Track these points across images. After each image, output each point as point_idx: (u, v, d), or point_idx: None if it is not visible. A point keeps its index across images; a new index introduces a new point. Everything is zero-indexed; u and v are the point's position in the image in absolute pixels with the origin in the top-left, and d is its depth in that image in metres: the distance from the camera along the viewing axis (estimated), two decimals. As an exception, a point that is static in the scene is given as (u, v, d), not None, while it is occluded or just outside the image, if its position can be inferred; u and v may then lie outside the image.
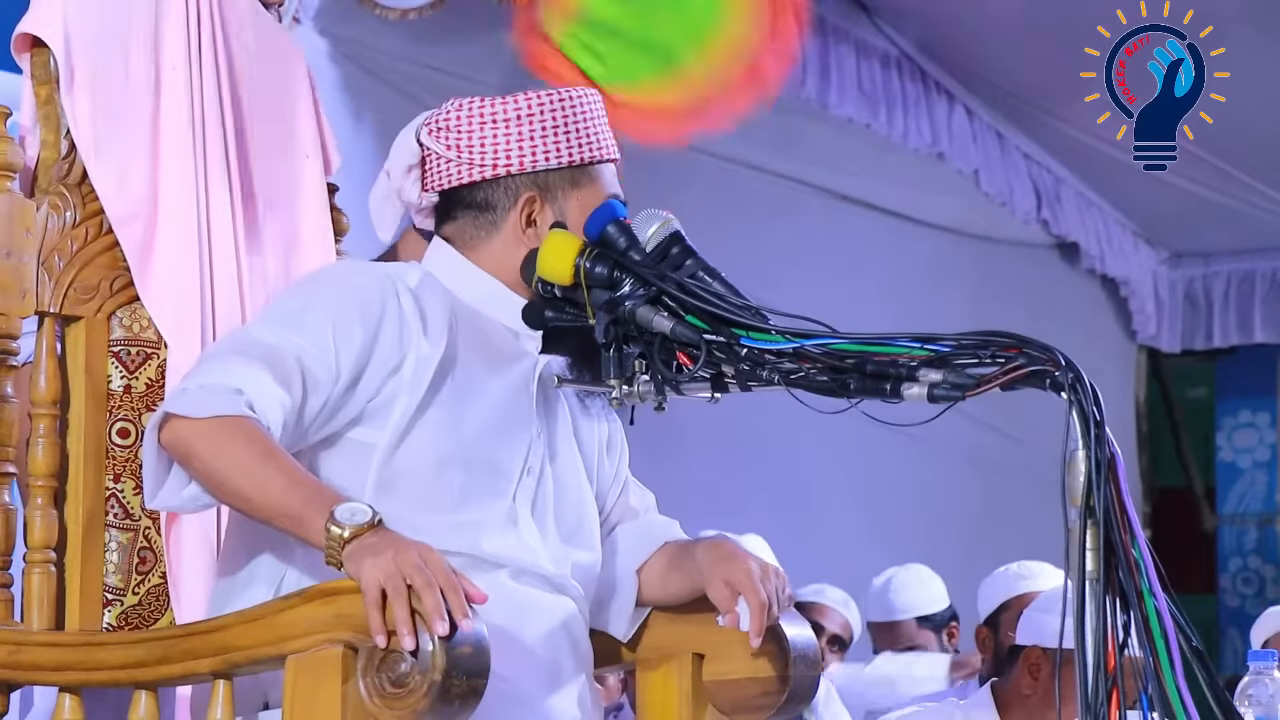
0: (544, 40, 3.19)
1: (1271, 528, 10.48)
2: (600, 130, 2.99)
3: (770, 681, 2.95)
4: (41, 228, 3.02)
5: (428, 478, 2.82)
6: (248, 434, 2.68)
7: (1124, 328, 10.19)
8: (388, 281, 2.87)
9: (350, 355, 2.80)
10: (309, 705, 2.57)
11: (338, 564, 2.57)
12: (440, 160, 2.96)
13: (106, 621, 3.04)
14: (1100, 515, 2.39)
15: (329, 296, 2.85)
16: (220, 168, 3.13)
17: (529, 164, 2.93)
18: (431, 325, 2.86)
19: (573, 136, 2.95)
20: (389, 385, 2.82)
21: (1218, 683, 2.46)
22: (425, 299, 2.88)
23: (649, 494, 3.16)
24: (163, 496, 2.75)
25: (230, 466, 2.67)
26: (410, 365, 2.83)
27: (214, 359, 2.78)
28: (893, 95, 8.35)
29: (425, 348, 2.84)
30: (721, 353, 2.69)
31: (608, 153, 2.99)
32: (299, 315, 2.82)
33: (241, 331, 2.86)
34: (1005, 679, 4.16)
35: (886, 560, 6.77)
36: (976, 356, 2.54)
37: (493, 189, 2.95)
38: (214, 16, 3.17)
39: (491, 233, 2.95)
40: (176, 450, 2.71)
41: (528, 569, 2.87)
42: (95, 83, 3.06)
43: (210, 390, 2.71)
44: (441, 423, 2.84)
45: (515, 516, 2.88)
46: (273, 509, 2.66)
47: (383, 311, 2.83)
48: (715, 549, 2.97)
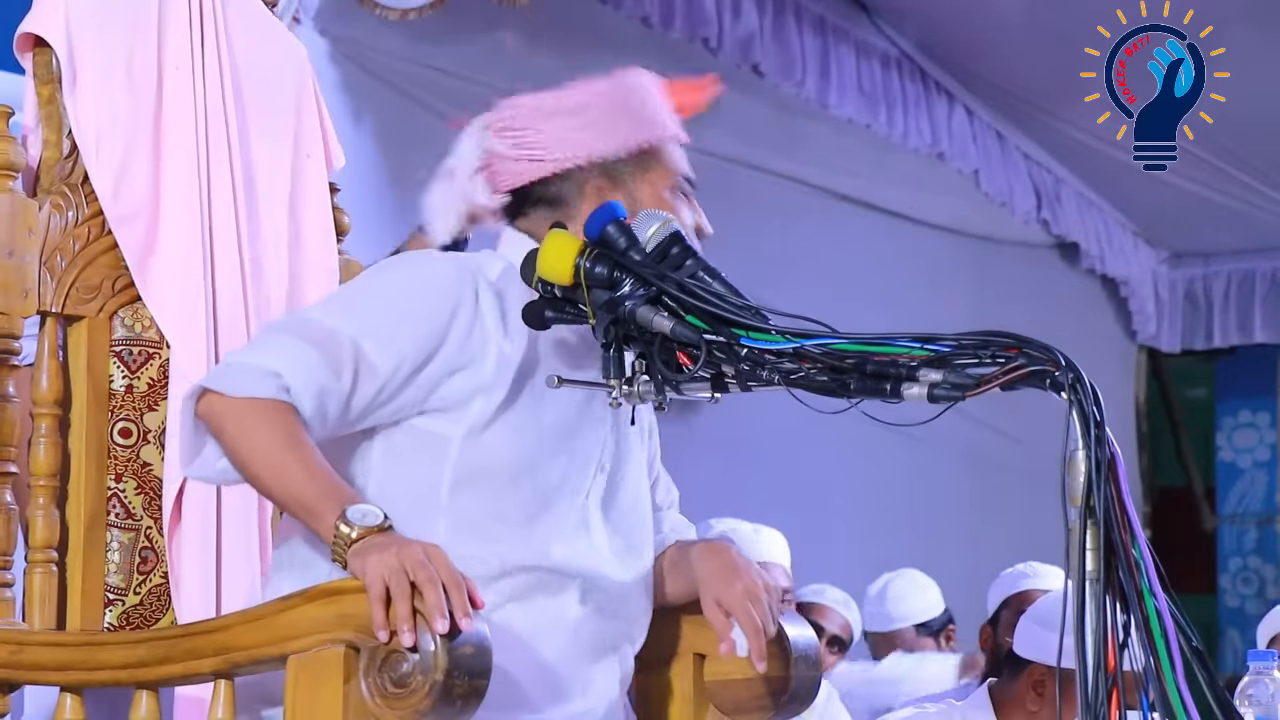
0: None
1: (1271, 528, 10.48)
2: (661, 111, 2.98)
3: (771, 682, 2.95)
4: (44, 227, 3.02)
5: (504, 480, 2.81)
6: (276, 419, 2.69)
7: (1124, 328, 10.19)
8: (467, 275, 2.85)
9: (415, 345, 2.78)
10: (310, 705, 2.57)
11: (342, 562, 2.58)
12: (505, 160, 2.94)
13: (108, 621, 3.04)
14: (1100, 515, 2.39)
15: (402, 284, 2.84)
16: (223, 167, 3.13)
17: (596, 154, 2.92)
18: (512, 322, 2.84)
19: (634, 120, 2.94)
20: (464, 383, 2.80)
21: (1218, 683, 2.46)
22: (507, 294, 2.86)
23: (674, 489, 3.15)
24: (197, 466, 2.77)
25: (254, 449, 2.69)
26: (491, 364, 2.81)
27: (267, 336, 2.79)
28: (893, 95, 8.36)
29: (506, 347, 2.83)
30: (721, 353, 2.69)
31: (671, 132, 2.99)
32: (367, 300, 2.82)
33: (305, 310, 2.86)
34: (1003, 683, 4.16)
35: (886, 560, 6.78)
36: (976, 356, 2.54)
37: (562, 183, 2.94)
38: (216, 16, 3.17)
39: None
40: (210, 424, 2.72)
41: (597, 584, 2.86)
42: (97, 82, 3.06)
43: (249, 370, 2.72)
44: (521, 424, 2.82)
45: (588, 518, 2.88)
46: (288, 497, 2.68)
47: (457, 304, 2.81)
48: (711, 559, 2.96)
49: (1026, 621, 4.21)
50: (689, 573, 2.97)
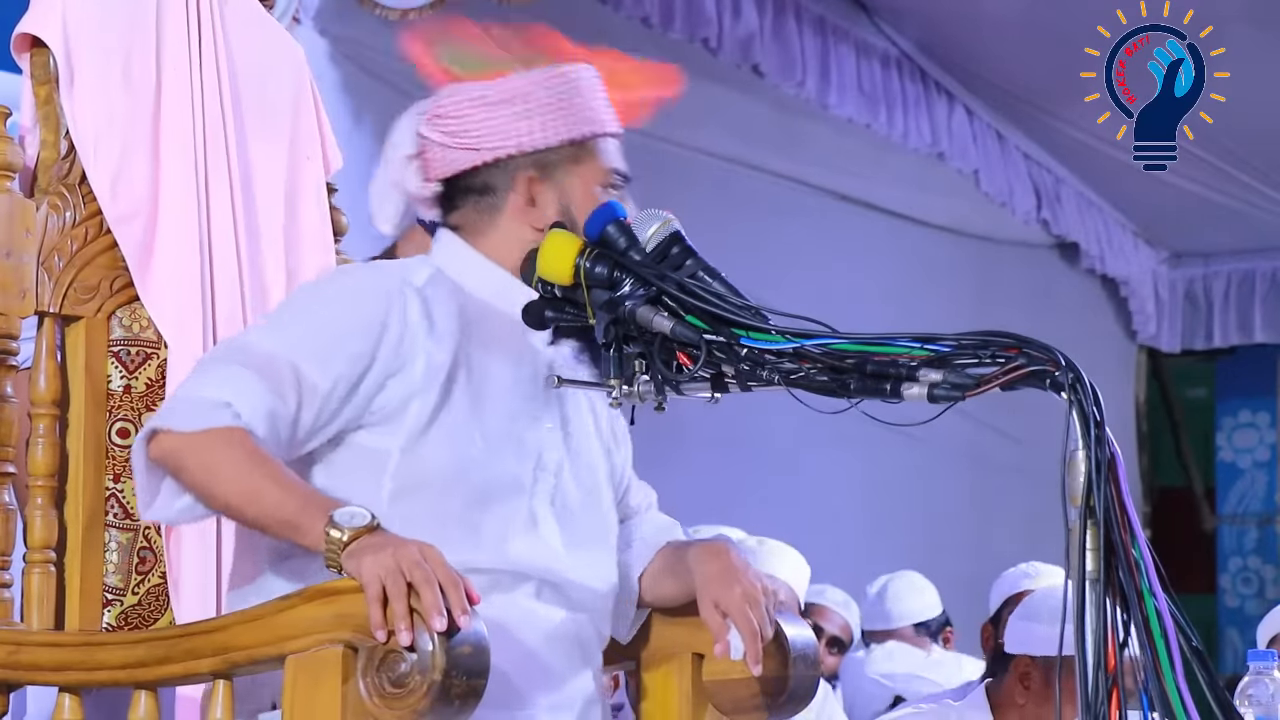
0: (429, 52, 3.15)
1: (1271, 528, 10.48)
2: (599, 105, 2.95)
3: (770, 682, 2.95)
4: (41, 228, 3.02)
5: (445, 484, 2.80)
6: (236, 445, 2.67)
7: (1124, 328, 10.19)
8: (394, 284, 2.85)
9: (350, 362, 2.78)
10: (309, 705, 2.56)
11: (337, 566, 2.57)
12: (439, 149, 2.93)
13: (106, 621, 3.04)
14: (1100, 515, 2.39)
15: (331, 302, 2.84)
16: (220, 168, 3.13)
17: (528, 144, 2.91)
18: (439, 326, 2.84)
19: (570, 113, 2.92)
20: (396, 390, 2.80)
21: (1218, 683, 2.46)
22: (433, 299, 2.86)
23: (650, 491, 3.15)
24: (156, 509, 2.75)
25: (221, 478, 2.67)
26: (420, 369, 2.81)
27: (207, 367, 2.77)
28: (893, 95, 8.35)
29: (434, 351, 2.82)
30: (721, 353, 2.69)
31: (608, 127, 2.96)
32: (298, 321, 2.81)
33: (240, 337, 2.85)
34: (998, 681, 4.17)
35: (887, 560, 6.78)
36: (976, 356, 2.54)
37: (493, 172, 2.92)
38: (214, 17, 3.16)
39: (495, 216, 2.93)
40: (167, 464, 2.71)
41: (551, 580, 2.86)
42: (95, 83, 3.06)
43: (197, 403, 2.70)
44: (458, 427, 2.82)
45: (536, 517, 2.87)
46: (268, 517, 2.66)
47: (386, 316, 2.81)
48: (710, 560, 2.95)
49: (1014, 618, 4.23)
50: (685, 574, 2.96)
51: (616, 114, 3.00)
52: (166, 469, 2.71)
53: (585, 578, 2.90)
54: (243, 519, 2.72)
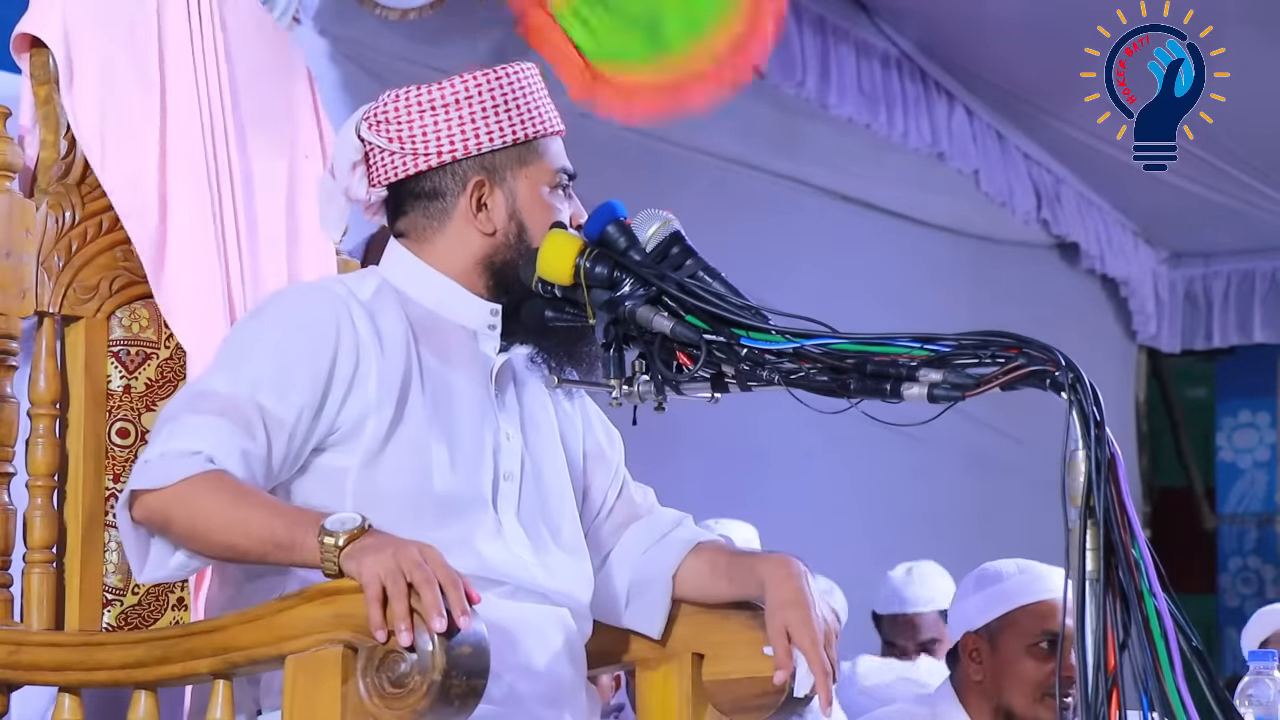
0: (542, 9, 3.16)
1: (1271, 528, 10.47)
2: (541, 104, 2.95)
3: (770, 681, 2.95)
4: (41, 228, 3.02)
5: (407, 499, 2.79)
6: (215, 486, 2.67)
7: (1124, 328, 10.18)
8: (339, 303, 2.84)
9: (309, 389, 2.78)
10: (308, 705, 2.56)
11: (336, 571, 2.56)
12: (384, 154, 2.92)
13: (106, 621, 3.04)
14: (1100, 515, 2.39)
15: (279, 331, 2.82)
16: (222, 168, 3.13)
17: (473, 147, 2.90)
18: (388, 342, 2.84)
19: (514, 114, 2.91)
20: (352, 409, 2.80)
21: (1218, 683, 2.46)
22: (380, 313, 2.86)
23: (648, 489, 3.15)
24: (149, 570, 2.75)
25: (207, 521, 2.67)
26: (373, 387, 2.81)
27: (171, 422, 2.75)
28: (893, 95, 8.35)
29: (386, 367, 2.82)
30: (721, 353, 2.69)
31: (551, 126, 2.95)
32: (250, 357, 2.80)
33: (195, 385, 2.83)
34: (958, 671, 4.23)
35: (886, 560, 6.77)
36: (976, 356, 2.54)
37: (439, 176, 2.91)
38: (214, 17, 3.17)
39: (444, 221, 2.92)
40: (153, 523, 2.71)
41: (523, 584, 2.85)
42: (97, 82, 3.06)
43: (169, 458, 2.70)
44: (416, 440, 2.82)
45: (500, 526, 2.87)
46: (262, 545, 2.65)
47: (337, 334, 2.81)
48: (784, 582, 2.92)
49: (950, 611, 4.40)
50: (751, 585, 2.95)
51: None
52: (153, 527, 2.71)
53: (558, 583, 2.90)
54: (239, 555, 2.70)
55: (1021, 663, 4.08)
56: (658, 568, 3.03)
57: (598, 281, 2.76)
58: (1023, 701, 4.07)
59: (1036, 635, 4.06)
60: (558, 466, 2.98)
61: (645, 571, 3.04)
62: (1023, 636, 4.08)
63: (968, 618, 4.21)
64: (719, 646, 3.01)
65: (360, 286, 2.89)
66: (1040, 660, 4.06)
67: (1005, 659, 4.10)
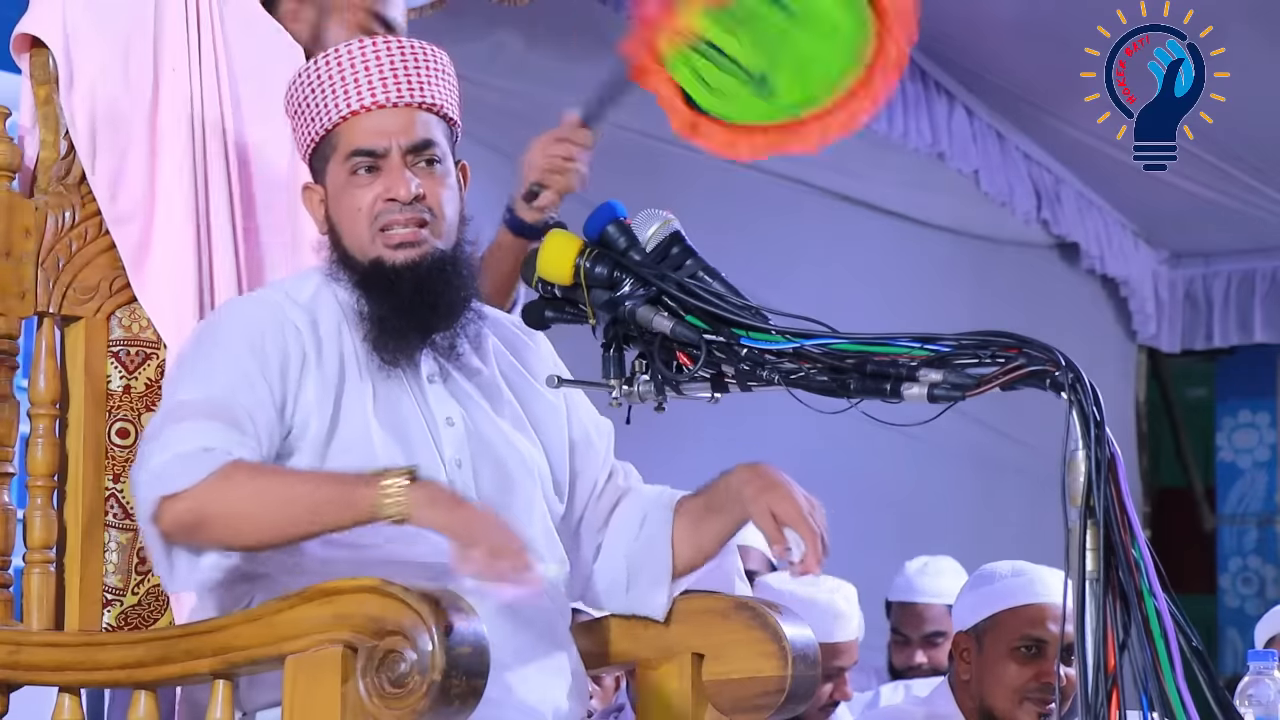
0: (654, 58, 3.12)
1: (1271, 528, 10.47)
2: (335, 91, 2.91)
3: (770, 681, 2.95)
4: (40, 228, 3.02)
5: None
6: (248, 472, 2.69)
7: (1124, 328, 10.18)
8: (276, 310, 2.86)
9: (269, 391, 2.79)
10: (308, 705, 2.56)
11: (403, 515, 2.60)
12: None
13: (106, 621, 3.04)
14: (1100, 515, 2.39)
15: (231, 340, 2.83)
16: (219, 168, 3.13)
17: (301, 152, 2.97)
18: (325, 339, 2.86)
19: (310, 112, 2.93)
20: (301, 411, 2.82)
21: (1218, 683, 2.46)
22: (319, 309, 2.88)
23: (629, 466, 3.14)
24: (180, 579, 2.75)
25: (255, 504, 2.68)
26: (312, 388, 2.83)
27: (164, 433, 2.75)
28: (892, 95, 8.35)
29: (323, 366, 2.84)
30: (721, 353, 2.69)
31: (342, 111, 2.91)
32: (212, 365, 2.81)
33: (168, 402, 2.82)
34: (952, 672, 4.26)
35: (886, 560, 6.76)
36: (976, 356, 2.54)
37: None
38: (213, 17, 3.17)
39: (324, 226, 2.96)
40: (185, 525, 2.69)
41: None
42: (94, 83, 3.06)
43: (183, 459, 2.69)
44: (355, 435, 2.83)
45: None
46: (316, 510, 2.66)
47: (281, 338, 2.83)
48: (755, 477, 2.96)
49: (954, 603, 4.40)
50: (730, 500, 2.97)
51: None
52: (184, 531, 2.70)
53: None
54: (293, 531, 2.69)
55: (1003, 665, 4.08)
56: (654, 544, 3.03)
57: (598, 281, 2.77)
58: (1002, 704, 4.08)
59: (1018, 639, 4.06)
60: (504, 452, 2.95)
61: (640, 555, 3.03)
62: (1006, 639, 4.08)
63: (961, 617, 4.24)
64: (719, 646, 3.01)
65: (300, 289, 2.92)
66: (1021, 664, 4.06)
67: (989, 660, 4.11)
